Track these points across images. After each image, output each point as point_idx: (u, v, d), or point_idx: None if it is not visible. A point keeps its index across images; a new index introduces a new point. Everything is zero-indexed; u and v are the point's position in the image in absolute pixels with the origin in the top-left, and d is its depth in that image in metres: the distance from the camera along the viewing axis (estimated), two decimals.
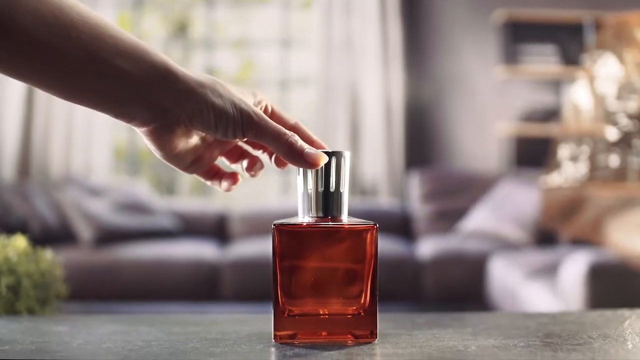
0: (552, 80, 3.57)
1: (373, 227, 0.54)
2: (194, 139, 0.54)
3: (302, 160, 0.52)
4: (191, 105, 0.49)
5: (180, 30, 3.88)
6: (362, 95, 3.48)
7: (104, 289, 2.75)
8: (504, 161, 3.54)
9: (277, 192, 3.73)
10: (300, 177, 0.54)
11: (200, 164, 0.56)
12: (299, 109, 3.71)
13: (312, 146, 0.55)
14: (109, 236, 2.93)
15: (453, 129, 3.56)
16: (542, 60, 3.44)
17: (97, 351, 0.51)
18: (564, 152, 2.97)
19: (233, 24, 3.86)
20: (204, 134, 0.54)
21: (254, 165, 0.58)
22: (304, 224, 0.54)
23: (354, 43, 3.47)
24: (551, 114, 3.45)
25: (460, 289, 2.81)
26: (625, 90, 2.91)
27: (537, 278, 2.36)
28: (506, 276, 2.59)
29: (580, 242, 2.74)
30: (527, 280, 2.38)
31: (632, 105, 2.91)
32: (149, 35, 3.81)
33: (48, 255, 0.76)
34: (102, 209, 3.00)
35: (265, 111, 0.56)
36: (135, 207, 3.10)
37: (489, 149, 3.56)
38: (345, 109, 3.46)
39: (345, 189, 0.55)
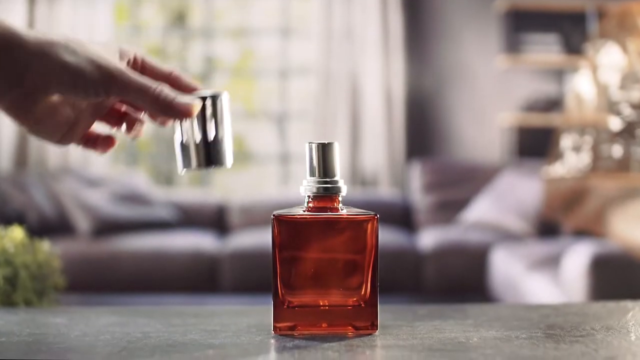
0: (555, 70, 3.55)
1: (373, 217, 0.53)
2: (63, 107, 0.50)
3: (173, 111, 0.48)
4: (44, 66, 0.46)
5: (179, 19, 3.85)
6: (362, 85, 3.46)
7: (102, 281, 2.74)
8: (506, 151, 3.52)
9: (276, 183, 3.71)
10: (177, 127, 0.51)
11: (75, 133, 0.51)
12: (298, 98, 3.69)
13: (188, 93, 0.51)
14: (107, 227, 2.92)
15: (454, 119, 3.55)
16: (545, 50, 3.42)
17: (95, 343, 0.51)
18: (566, 142, 2.96)
19: (232, 12, 3.83)
20: (68, 99, 0.50)
21: (133, 126, 0.54)
22: (304, 214, 0.53)
23: (354, 32, 3.45)
24: (553, 104, 3.43)
25: (461, 280, 2.81)
26: (629, 79, 2.88)
27: (539, 269, 2.35)
28: (508, 267, 2.58)
29: (582, 233, 2.73)
30: (529, 272, 2.38)
31: (635, 95, 2.89)
32: (147, 25, 3.78)
33: (45, 246, 0.76)
34: (100, 200, 2.99)
35: (135, 65, 0.52)
36: (134, 198, 3.08)
37: (490, 139, 3.54)
38: (346, 98, 3.44)
39: (226, 135, 0.51)
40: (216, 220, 3.26)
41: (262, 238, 2.87)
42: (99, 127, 0.55)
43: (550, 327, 0.55)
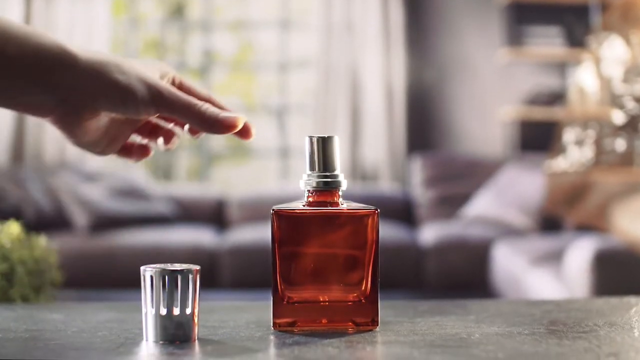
0: (557, 63, 3.53)
1: (374, 212, 0.53)
2: (104, 121, 0.52)
3: (218, 125, 0.51)
4: (94, 85, 0.48)
5: (177, 11, 3.83)
6: (362, 78, 3.45)
7: (100, 276, 2.73)
8: (508, 146, 3.51)
9: (276, 177, 3.69)
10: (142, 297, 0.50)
11: (114, 146, 0.54)
12: (298, 92, 3.66)
13: None
14: (105, 222, 2.90)
15: (456, 113, 3.53)
16: (547, 42, 3.40)
17: (93, 339, 0.50)
18: (569, 136, 2.94)
19: (231, 5, 3.81)
20: (113, 115, 0.52)
21: (170, 140, 0.57)
22: (304, 209, 0.53)
23: (354, 25, 3.43)
24: (556, 98, 3.41)
25: (463, 275, 2.79)
26: (632, 72, 2.86)
27: (541, 265, 2.34)
28: (510, 263, 2.57)
29: (585, 228, 2.72)
30: (532, 267, 2.36)
31: (638, 88, 2.86)
32: (145, 18, 3.75)
33: (42, 241, 0.76)
34: (98, 195, 2.98)
35: (173, 84, 0.54)
36: (132, 193, 3.07)
37: (492, 133, 3.53)
38: (346, 92, 3.42)
39: (193, 312, 0.50)
40: (215, 215, 3.24)
41: (261, 233, 2.86)
42: (134, 137, 0.57)
43: (553, 323, 0.55)
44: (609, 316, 0.58)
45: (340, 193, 0.54)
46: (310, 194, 0.54)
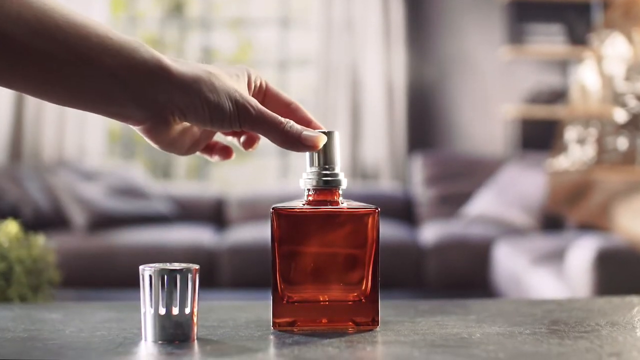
0: (559, 61, 3.53)
1: (374, 211, 0.53)
2: (190, 128, 0.54)
3: (301, 145, 0.52)
4: (185, 102, 0.49)
5: (176, 9, 3.82)
6: (363, 76, 3.44)
7: (98, 276, 2.72)
8: (509, 144, 3.50)
9: (275, 176, 3.68)
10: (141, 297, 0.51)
11: (197, 147, 0.56)
12: (298, 90, 3.65)
13: (310, 127, 0.55)
14: (103, 221, 2.90)
15: (457, 111, 3.52)
16: (549, 40, 3.39)
17: (91, 339, 0.50)
18: (570, 134, 2.92)
19: (230, 2, 3.80)
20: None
21: (253, 143, 0.58)
22: (304, 208, 0.53)
23: (355, 23, 3.42)
24: (558, 96, 3.40)
25: (464, 275, 2.79)
26: (634, 70, 2.85)
27: (543, 264, 2.33)
28: (511, 262, 2.56)
29: (587, 227, 2.72)
30: (533, 266, 2.36)
31: None
32: (144, 15, 3.73)
33: (40, 240, 0.76)
34: (96, 194, 2.97)
35: (260, 90, 0.56)
36: (130, 192, 3.06)
37: (493, 132, 3.53)
38: (346, 90, 3.41)
39: (192, 312, 0.50)
40: (214, 214, 3.24)
41: (261, 232, 2.85)
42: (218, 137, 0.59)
43: (555, 323, 0.55)
44: (611, 316, 0.57)
45: (340, 192, 0.54)
46: (310, 193, 0.54)
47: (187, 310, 0.49)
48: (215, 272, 2.78)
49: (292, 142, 0.52)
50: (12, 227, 0.75)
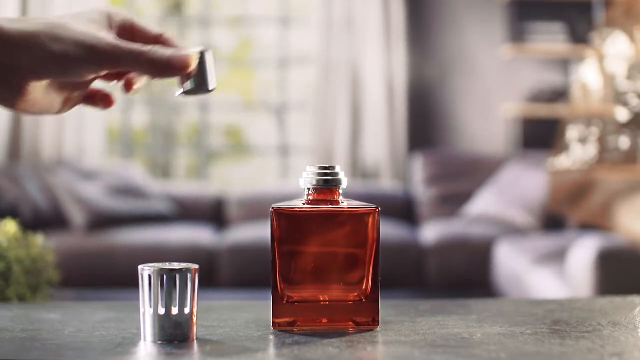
0: (560, 60, 3.53)
1: (375, 210, 0.53)
2: (55, 85, 0.50)
3: (170, 67, 0.48)
4: (30, 59, 0.46)
5: (175, 7, 3.82)
6: (363, 75, 3.43)
7: (97, 276, 2.72)
8: (510, 143, 3.50)
9: (275, 175, 3.67)
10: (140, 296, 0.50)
11: (72, 102, 0.53)
12: (298, 89, 3.64)
13: None
14: (102, 221, 2.89)
15: (457, 110, 3.52)
16: (550, 39, 3.38)
17: (90, 339, 0.50)
18: (572, 133, 2.91)
19: (230, 0, 3.78)
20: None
21: (131, 84, 0.54)
22: (304, 207, 0.52)
23: (355, 21, 3.41)
24: (559, 94, 3.39)
25: (464, 274, 2.78)
26: (636, 69, 2.83)
27: (544, 263, 2.33)
28: (512, 262, 2.56)
29: (588, 226, 2.71)
30: (534, 266, 2.36)
31: None
32: (143, 13, 3.72)
33: (39, 240, 0.76)
34: (95, 193, 2.96)
35: (124, 29, 0.51)
36: (129, 191, 3.05)
37: (494, 131, 3.52)
38: (346, 89, 3.40)
39: (192, 311, 0.50)
40: (214, 213, 3.23)
41: (261, 232, 2.85)
42: (97, 84, 0.55)
43: (556, 323, 0.55)
44: (612, 315, 0.57)
45: (340, 191, 0.54)
46: (310, 192, 0.53)
47: (187, 310, 0.49)
48: (215, 272, 2.77)
49: (161, 67, 0.48)
50: (10, 226, 0.74)
